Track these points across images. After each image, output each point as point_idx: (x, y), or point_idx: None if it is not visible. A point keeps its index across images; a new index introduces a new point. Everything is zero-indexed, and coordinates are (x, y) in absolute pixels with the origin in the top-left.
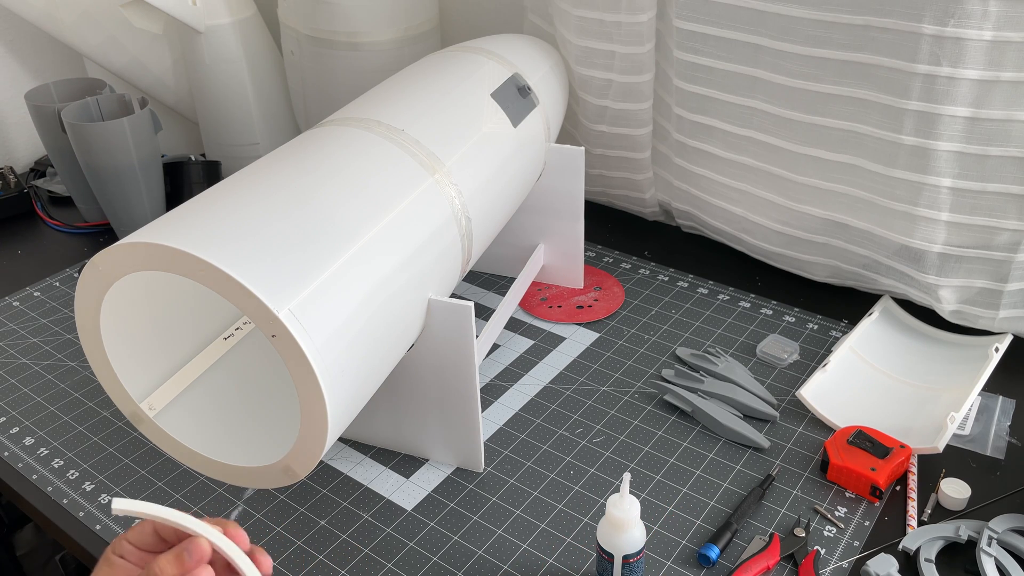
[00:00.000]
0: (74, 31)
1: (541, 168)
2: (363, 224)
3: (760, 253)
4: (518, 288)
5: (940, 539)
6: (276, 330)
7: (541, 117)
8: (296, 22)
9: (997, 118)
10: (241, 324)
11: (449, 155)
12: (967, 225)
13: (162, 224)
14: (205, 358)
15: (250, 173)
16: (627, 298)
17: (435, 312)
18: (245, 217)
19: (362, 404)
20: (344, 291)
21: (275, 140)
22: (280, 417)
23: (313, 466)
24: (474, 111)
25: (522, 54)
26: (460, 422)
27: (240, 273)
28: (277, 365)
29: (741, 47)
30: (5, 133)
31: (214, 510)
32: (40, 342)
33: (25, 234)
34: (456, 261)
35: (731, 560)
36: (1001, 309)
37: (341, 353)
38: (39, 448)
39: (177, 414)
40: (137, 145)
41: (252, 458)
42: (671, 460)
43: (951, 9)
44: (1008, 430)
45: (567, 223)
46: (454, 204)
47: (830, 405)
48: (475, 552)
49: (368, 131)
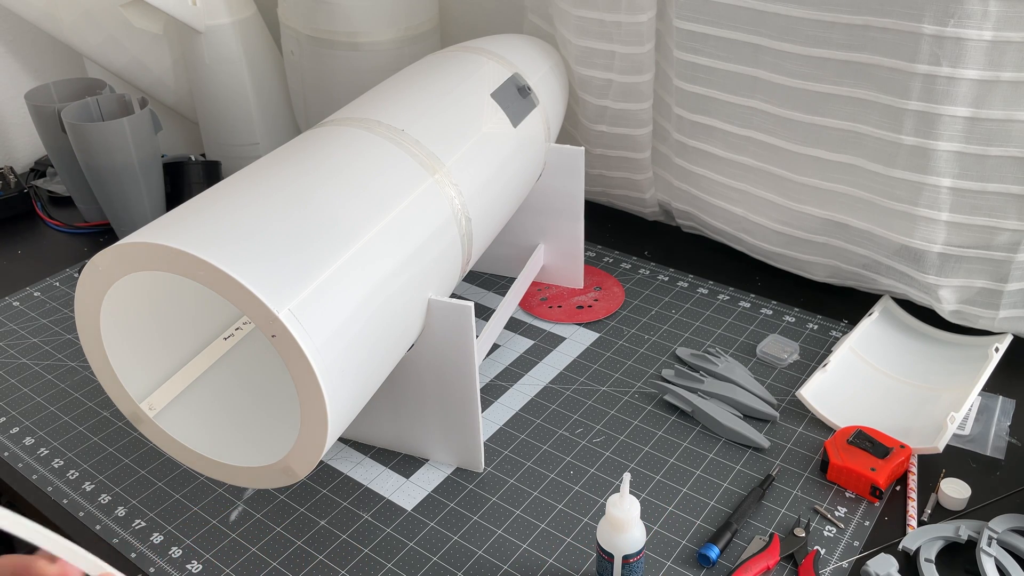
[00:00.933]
0: (74, 31)
1: (541, 168)
2: (363, 224)
3: (760, 253)
4: (518, 288)
5: (940, 539)
6: (276, 330)
7: (541, 117)
8: (296, 22)
9: (997, 118)
10: (241, 324)
11: (449, 155)
12: (967, 225)
13: (162, 224)
14: (205, 358)
15: (250, 173)
16: (627, 298)
17: (435, 312)
18: (245, 217)
19: (362, 404)
20: (344, 291)
21: (275, 140)
22: (280, 417)
23: (313, 466)
24: (474, 111)
25: (522, 54)
26: (460, 422)
27: (240, 273)
28: (277, 365)
29: (741, 47)
30: (5, 133)
31: (214, 510)
32: (40, 342)
33: (25, 234)
34: (456, 261)
35: (731, 560)
36: (1001, 309)
37: (341, 353)
38: (39, 448)
39: (177, 414)
40: (137, 145)
41: (252, 458)
42: (671, 460)
43: (951, 9)
44: (1008, 430)
45: (567, 223)
46: (454, 204)
47: (830, 405)
48: (475, 552)
49: (368, 131)
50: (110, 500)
